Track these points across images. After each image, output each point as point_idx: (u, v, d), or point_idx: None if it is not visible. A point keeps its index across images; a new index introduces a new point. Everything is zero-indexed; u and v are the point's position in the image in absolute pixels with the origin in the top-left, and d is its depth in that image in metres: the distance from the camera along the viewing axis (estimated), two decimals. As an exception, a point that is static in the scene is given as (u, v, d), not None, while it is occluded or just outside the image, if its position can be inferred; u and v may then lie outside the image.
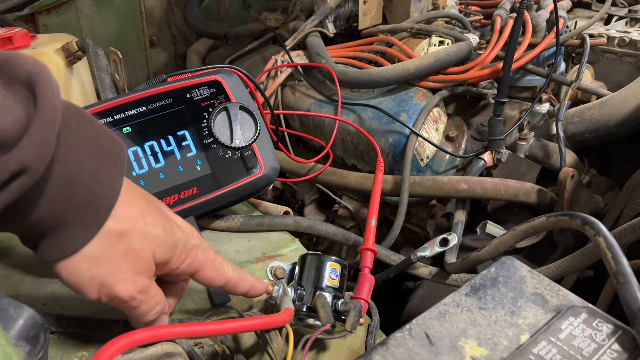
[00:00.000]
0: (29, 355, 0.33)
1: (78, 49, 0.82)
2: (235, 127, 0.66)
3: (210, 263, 0.46)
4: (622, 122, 0.88)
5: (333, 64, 1.02)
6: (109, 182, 0.38)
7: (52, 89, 0.35)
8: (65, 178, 0.36)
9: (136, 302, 0.42)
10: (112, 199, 0.39)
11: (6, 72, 0.35)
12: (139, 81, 1.44)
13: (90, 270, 0.39)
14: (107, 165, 0.39)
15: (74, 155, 0.37)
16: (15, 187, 0.33)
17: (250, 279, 0.49)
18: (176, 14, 1.48)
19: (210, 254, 0.46)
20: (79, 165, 0.37)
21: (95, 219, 0.38)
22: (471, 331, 0.41)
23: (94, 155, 0.38)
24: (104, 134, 0.40)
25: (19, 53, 0.36)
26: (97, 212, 0.38)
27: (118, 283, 0.40)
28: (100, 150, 0.38)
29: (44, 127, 0.34)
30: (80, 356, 0.48)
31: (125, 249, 0.40)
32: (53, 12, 1.24)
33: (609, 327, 0.40)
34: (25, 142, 0.33)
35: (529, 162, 0.94)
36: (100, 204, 0.38)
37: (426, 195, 0.89)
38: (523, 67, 0.97)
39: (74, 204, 0.37)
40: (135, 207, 0.41)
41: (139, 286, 0.41)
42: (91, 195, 0.37)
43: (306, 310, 0.52)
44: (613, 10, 1.31)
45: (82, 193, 0.37)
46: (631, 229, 0.58)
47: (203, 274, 0.46)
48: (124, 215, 0.40)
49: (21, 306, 0.34)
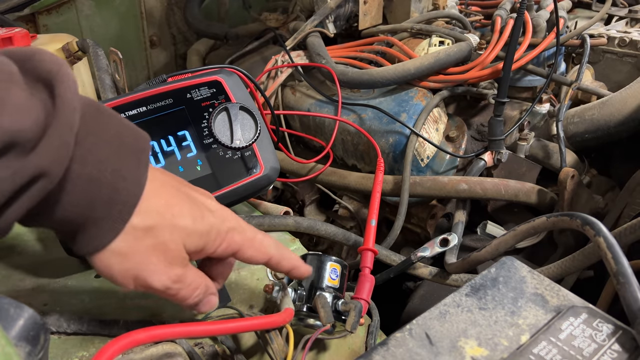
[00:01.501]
0: (29, 355, 0.33)
1: (78, 49, 0.82)
2: (235, 127, 0.66)
3: (249, 241, 0.45)
4: (622, 122, 0.88)
5: (333, 64, 1.02)
6: (132, 177, 0.38)
7: (70, 88, 0.35)
8: (86, 177, 0.36)
9: (172, 290, 0.42)
10: (136, 194, 0.38)
11: (29, 68, 0.35)
12: (139, 81, 1.44)
13: (121, 264, 0.39)
14: (130, 160, 0.38)
15: (94, 154, 0.36)
16: (34, 191, 0.34)
17: (293, 258, 0.49)
18: (176, 14, 1.48)
19: (248, 232, 0.45)
20: (99, 163, 0.37)
21: (120, 215, 0.38)
22: (471, 331, 0.41)
23: (115, 152, 0.38)
24: (126, 128, 0.39)
25: (40, 49, 0.36)
26: (121, 208, 0.38)
27: (150, 275, 0.40)
28: (122, 146, 0.38)
29: (61, 130, 0.34)
30: (80, 356, 0.48)
31: (154, 242, 0.40)
32: (53, 12, 1.24)
33: (609, 327, 0.40)
34: (42, 146, 0.33)
35: (529, 162, 0.94)
36: (124, 200, 0.38)
37: (426, 195, 0.89)
38: (523, 67, 0.97)
39: (97, 201, 0.37)
40: (162, 199, 0.40)
41: (172, 276, 0.41)
42: (114, 192, 0.37)
43: (306, 310, 0.52)
44: (613, 10, 1.31)
45: (105, 191, 0.37)
46: (631, 229, 0.58)
47: (243, 254, 0.45)
48: (150, 208, 0.39)
49: (21, 306, 0.34)
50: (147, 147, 0.40)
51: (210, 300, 0.46)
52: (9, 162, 0.32)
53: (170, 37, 1.50)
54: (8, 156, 0.32)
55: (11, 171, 0.32)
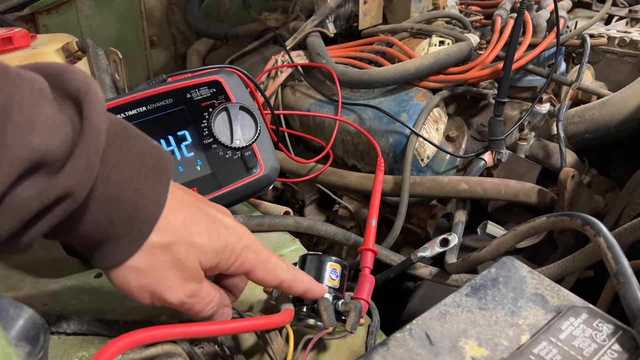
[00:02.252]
0: (28, 355, 0.33)
1: (78, 49, 0.82)
2: (235, 127, 0.66)
3: (262, 264, 0.45)
4: (623, 122, 0.88)
5: (333, 63, 1.01)
6: (152, 196, 0.39)
7: (98, 108, 0.35)
8: (108, 195, 0.37)
9: (187, 305, 0.43)
10: (156, 213, 0.39)
11: (59, 85, 0.35)
12: (139, 81, 1.44)
13: (139, 280, 0.40)
14: (151, 180, 0.39)
15: (117, 173, 0.37)
16: (59, 210, 0.34)
17: (307, 280, 0.49)
18: (176, 14, 1.48)
19: (262, 254, 0.46)
20: (122, 182, 0.37)
21: (139, 233, 0.39)
22: (471, 331, 0.41)
23: (137, 172, 0.38)
24: (149, 148, 0.40)
25: (70, 66, 0.36)
26: (140, 226, 0.38)
27: (166, 291, 0.41)
28: (144, 166, 0.39)
29: (88, 152, 0.34)
30: (80, 356, 0.48)
31: (171, 259, 0.40)
32: (53, 12, 1.23)
33: (609, 327, 0.40)
34: (69, 167, 0.33)
35: (529, 162, 0.94)
36: (143, 219, 0.38)
37: (426, 195, 0.89)
38: (523, 67, 0.97)
39: (117, 219, 0.37)
40: (180, 217, 0.41)
41: (187, 292, 0.42)
42: (134, 210, 0.38)
43: (306, 311, 0.52)
44: (613, 10, 1.31)
45: (126, 209, 0.37)
46: (631, 228, 0.58)
47: (255, 275, 0.46)
48: (168, 226, 0.40)
49: (21, 306, 0.34)
50: (168, 166, 0.41)
51: (224, 312, 0.47)
52: (36, 182, 0.32)
53: (170, 37, 1.50)
54: (36, 175, 0.32)
55: (37, 190, 0.32)
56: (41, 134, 0.31)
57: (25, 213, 0.32)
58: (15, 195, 0.32)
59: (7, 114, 0.31)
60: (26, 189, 0.32)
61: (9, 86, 0.31)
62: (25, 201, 0.32)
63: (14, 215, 0.32)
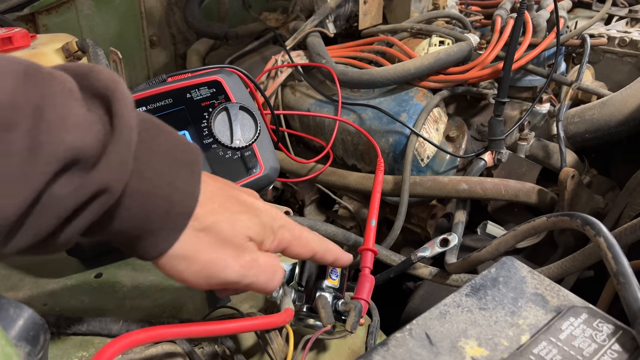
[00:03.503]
0: (28, 355, 0.33)
1: (78, 49, 0.82)
2: (235, 127, 0.66)
3: (297, 240, 0.47)
4: (623, 122, 0.88)
5: (333, 63, 1.01)
6: (186, 189, 0.39)
7: (127, 106, 0.35)
8: (143, 191, 0.37)
9: (249, 278, 0.42)
10: (191, 205, 0.39)
11: (86, 85, 0.35)
12: (139, 81, 1.43)
13: (190, 267, 0.40)
14: (184, 173, 0.39)
15: (151, 169, 0.37)
16: (96, 206, 0.34)
17: (335, 249, 0.51)
18: (176, 14, 1.48)
19: (295, 230, 0.47)
20: (156, 177, 0.37)
21: (176, 225, 0.39)
22: (471, 331, 0.41)
23: (170, 166, 0.38)
24: (179, 142, 0.40)
25: (96, 66, 0.37)
26: (176, 219, 0.39)
27: (222, 270, 0.41)
28: (176, 160, 0.39)
29: (120, 149, 0.34)
30: (80, 356, 0.48)
31: (217, 238, 0.41)
32: (53, 11, 1.23)
33: (609, 327, 0.40)
34: (103, 164, 0.33)
35: (529, 162, 0.94)
36: (179, 211, 0.39)
37: (426, 195, 0.89)
38: (523, 67, 0.97)
39: (153, 214, 0.38)
40: (215, 203, 0.42)
41: (244, 264, 0.42)
42: (170, 205, 0.38)
43: (306, 311, 0.52)
44: (613, 10, 1.31)
45: (161, 203, 0.38)
46: (631, 228, 0.58)
47: (291, 250, 0.47)
48: (206, 212, 0.40)
49: (21, 306, 0.34)
50: (199, 159, 0.41)
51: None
52: (72, 179, 0.32)
53: (170, 37, 1.50)
54: (70, 173, 0.32)
55: (73, 187, 0.32)
56: (74, 131, 0.32)
57: (62, 210, 0.33)
58: (52, 193, 0.32)
59: (41, 113, 0.31)
60: (62, 187, 0.32)
61: (42, 85, 0.32)
62: (62, 198, 0.32)
63: (52, 212, 0.32)
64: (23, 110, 0.30)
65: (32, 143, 0.30)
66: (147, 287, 0.59)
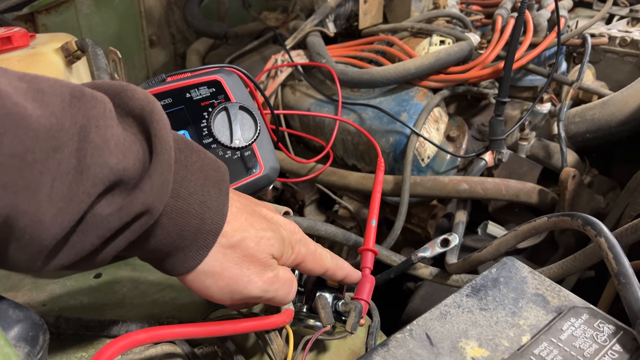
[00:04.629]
0: (28, 355, 0.33)
1: (77, 49, 0.82)
2: (234, 127, 0.66)
3: (311, 255, 0.48)
4: (623, 122, 0.88)
5: (333, 63, 1.01)
6: (216, 208, 0.40)
7: (166, 127, 0.36)
8: (178, 210, 0.38)
9: (270, 293, 0.44)
10: (220, 222, 0.40)
11: (119, 104, 0.36)
12: (138, 81, 1.43)
13: (216, 283, 0.41)
14: (214, 192, 0.40)
15: (185, 188, 0.38)
16: (137, 226, 0.35)
17: (346, 267, 0.52)
18: (175, 13, 1.47)
19: (310, 246, 0.48)
20: (190, 196, 0.38)
21: (205, 242, 0.40)
22: (472, 332, 0.41)
23: (202, 185, 0.39)
24: (209, 160, 0.41)
25: (129, 85, 0.37)
26: (206, 237, 0.40)
27: (246, 285, 0.42)
28: (207, 179, 0.40)
29: (162, 169, 0.35)
30: (79, 357, 0.48)
31: (242, 255, 0.42)
32: (52, 11, 1.23)
33: (610, 328, 0.40)
34: (146, 184, 0.34)
35: (530, 162, 0.94)
36: (209, 229, 0.40)
37: (427, 195, 0.88)
38: (524, 66, 0.96)
39: (185, 231, 0.39)
40: (241, 219, 0.43)
41: (266, 280, 0.43)
42: (201, 222, 0.39)
43: (306, 311, 0.52)
44: (614, 9, 1.31)
45: (193, 221, 0.39)
46: (632, 229, 0.58)
47: (305, 265, 0.48)
48: (233, 229, 0.41)
49: (20, 307, 0.34)
50: (226, 177, 0.42)
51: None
52: (115, 199, 0.33)
53: (170, 37, 1.49)
54: (113, 193, 0.33)
55: (117, 207, 0.33)
56: (117, 153, 0.33)
57: (106, 230, 0.34)
58: (96, 213, 0.33)
59: (87, 135, 0.32)
60: (106, 207, 0.33)
61: (86, 107, 0.32)
62: (106, 218, 0.33)
63: (97, 232, 0.33)
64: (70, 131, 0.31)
65: (79, 164, 0.31)
66: (147, 287, 0.59)
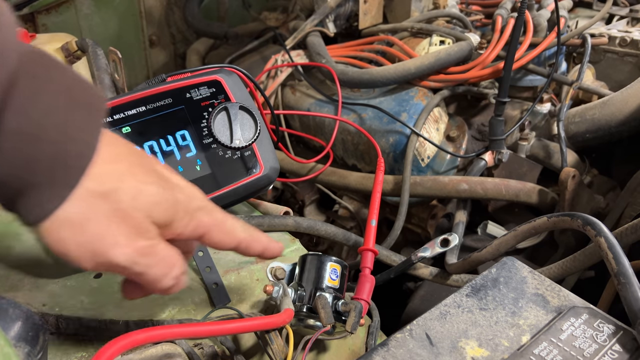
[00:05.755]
0: (28, 355, 0.33)
1: (77, 49, 0.82)
2: (234, 127, 0.66)
3: (218, 225, 0.41)
4: (623, 122, 0.88)
5: (333, 63, 1.01)
6: (81, 138, 0.33)
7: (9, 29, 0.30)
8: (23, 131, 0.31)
9: (139, 266, 0.36)
10: (86, 157, 0.33)
11: None
12: (138, 81, 1.43)
13: (75, 237, 0.34)
14: (80, 118, 0.33)
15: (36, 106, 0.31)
16: None
17: (264, 239, 0.45)
18: (175, 14, 1.47)
19: (217, 214, 0.41)
20: (41, 117, 0.31)
21: (65, 180, 0.33)
22: (472, 332, 0.41)
23: (63, 107, 0.32)
24: (79, 83, 0.34)
25: None
26: (66, 172, 0.33)
27: (111, 248, 0.35)
28: (71, 101, 0.33)
29: None
30: (79, 357, 0.48)
31: (112, 208, 0.34)
32: (52, 11, 1.23)
33: (609, 328, 0.40)
34: None
35: (529, 162, 0.94)
36: (69, 164, 0.33)
37: (427, 195, 0.88)
38: (524, 66, 0.96)
39: (36, 162, 0.32)
40: (121, 165, 0.35)
41: (138, 248, 0.36)
42: (58, 152, 0.32)
43: (306, 311, 0.52)
44: (614, 9, 1.31)
45: (47, 150, 0.32)
46: (632, 229, 0.58)
47: (210, 237, 0.41)
48: (106, 172, 0.34)
49: (20, 306, 0.34)
50: (102, 106, 0.35)
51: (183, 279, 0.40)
52: None
53: (170, 37, 1.49)
54: None
55: None
56: None
57: None
58: None
59: None
60: None
61: None
62: None
63: None
64: None
65: None
66: (147, 287, 0.58)
